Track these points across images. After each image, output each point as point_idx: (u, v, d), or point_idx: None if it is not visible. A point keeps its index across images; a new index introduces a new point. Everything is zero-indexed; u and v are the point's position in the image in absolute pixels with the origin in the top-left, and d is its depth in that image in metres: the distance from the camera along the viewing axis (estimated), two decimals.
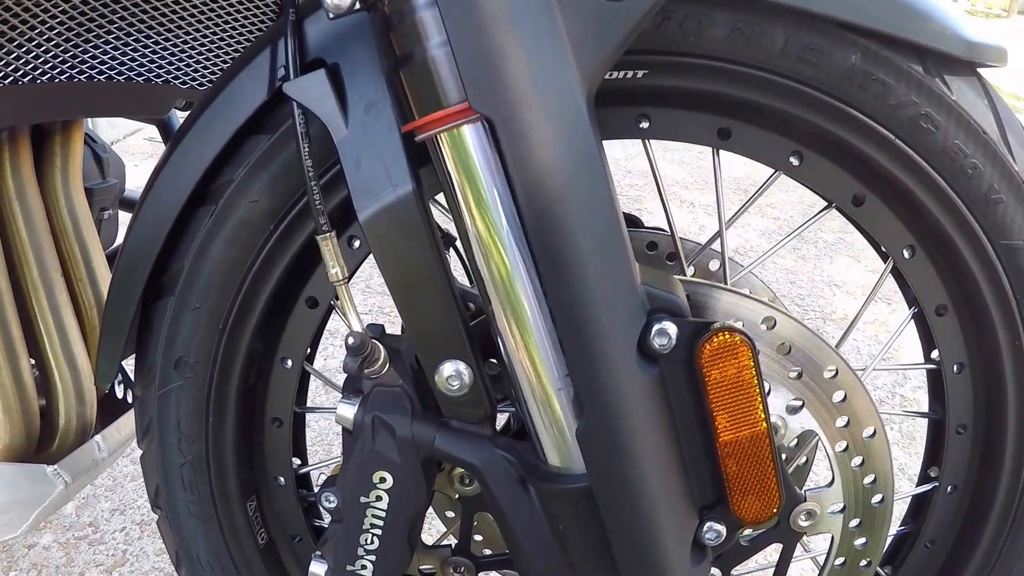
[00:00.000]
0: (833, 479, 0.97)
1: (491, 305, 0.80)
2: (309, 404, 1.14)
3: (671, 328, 0.80)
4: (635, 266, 0.79)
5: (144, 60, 1.15)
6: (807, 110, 0.90)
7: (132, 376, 1.07)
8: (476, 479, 0.89)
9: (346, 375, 0.90)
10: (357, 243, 0.97)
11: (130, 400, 1.32)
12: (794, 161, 0.95)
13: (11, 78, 1.01)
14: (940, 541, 1.08)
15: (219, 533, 1.06)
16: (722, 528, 0.89)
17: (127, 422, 1.26)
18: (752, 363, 0.82)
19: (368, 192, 0.82)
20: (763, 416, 0.84)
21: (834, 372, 0.93)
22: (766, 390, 0.85)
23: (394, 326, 0.94)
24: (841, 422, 0.95)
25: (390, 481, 0.88)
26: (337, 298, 1.01)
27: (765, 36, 0.86)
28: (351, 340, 0.83)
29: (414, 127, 0.77)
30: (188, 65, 1.19)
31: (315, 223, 0.85)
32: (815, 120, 0.91)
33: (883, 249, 1.00)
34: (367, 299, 2.66)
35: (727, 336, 0.81)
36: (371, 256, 1.00)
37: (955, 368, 1.02)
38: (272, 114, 0.90)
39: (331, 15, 0.76)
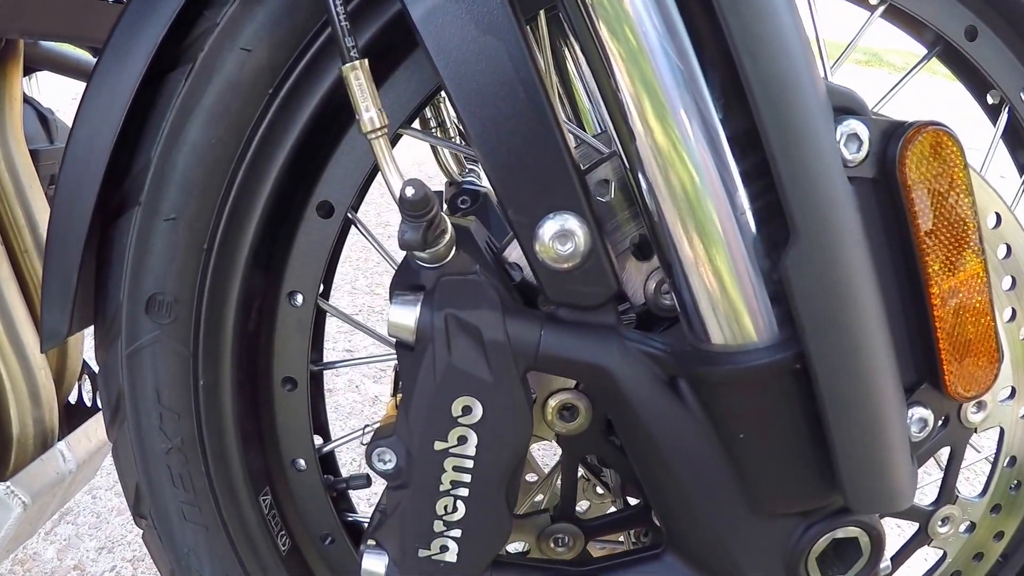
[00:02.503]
0: (1001, 355, 0.61)
1: (629, 120, 0.41)
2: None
3: (861, 129, 0.44)
4: None
5: None
6: None
7: (96, 369, 0.62)
8: (601, 392, 0.48)
9: (397, 270, 0.48)
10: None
11: (99, 404, 0.84)
12: None
13: None
14: None
15: (227, 542, 0.60)
16: (929, 415, 0.51)
17: (98, 426, 0.79)
18: (965, 170, 0.46)
19: None
20: (980, 241, 0.47)
21: (996, 220, 0.58)
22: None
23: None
24: (1007, 283, 0.60)
25: (479, 411, 0.46)
26: (355, 208, 0.60)
27: None
28: (408, 191, 0.42)
29: None
30: None
31: (340, 49, 0.45)
32: None
33: (990, 101, 0.67)
34: (354, 299, 2.13)
35: (933, 134, 0.45)
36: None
37: None
38: None
39: None
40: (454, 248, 0.46)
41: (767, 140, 0.38)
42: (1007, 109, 0.65)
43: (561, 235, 0.44)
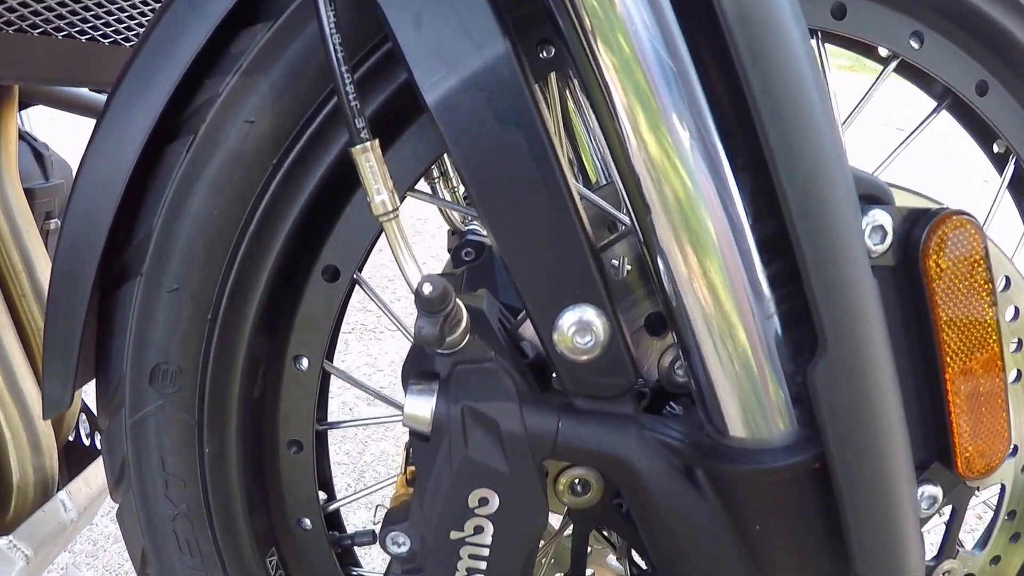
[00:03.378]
0: (1012, 437, 0.60)
1: (650, 206, 0.39)
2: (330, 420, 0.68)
3: (885, 219, 0.42)
4: None
5: (88, 14, 0.69)
6: None
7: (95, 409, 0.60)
8: (618, 479, 0.47)
9: (410, 352, 0.46)
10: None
11: (98, 444, 0.81)
12: (914, 44, 0.59)
13: None
14: None
15: None
16: (938, 492, 0.50)
17: (98, 471, 0.76)
18: (985, 257, 0.45)
19: (437, 62, 0.40)
20: (998, 328, 0.46)
21: (1005, 283, 0.57)
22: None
23: (381, 341, 0.48)
24: (1013, 345, 0.59)
25: (495, 502, 0.44)
26: (361, 268, 0.58)
27: None
28: (426, 289, 0.40)
29: None
30: (141, 25, 0.74)
31: (349, 129, 0.43)
32: None
33: (998, 150, 0.65)
34: (346, 317, 2.06)
35: (957, 223, 0.44)
36: None
37: None
38: None
39: None
40: (469, 333, 0.44)
41: (799, 249, 0.36)
42: (1014, 160, 0.64)
43: (580, 328, 0.42)
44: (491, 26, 0.40)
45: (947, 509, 0.61)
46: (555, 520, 0.77)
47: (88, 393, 0.70)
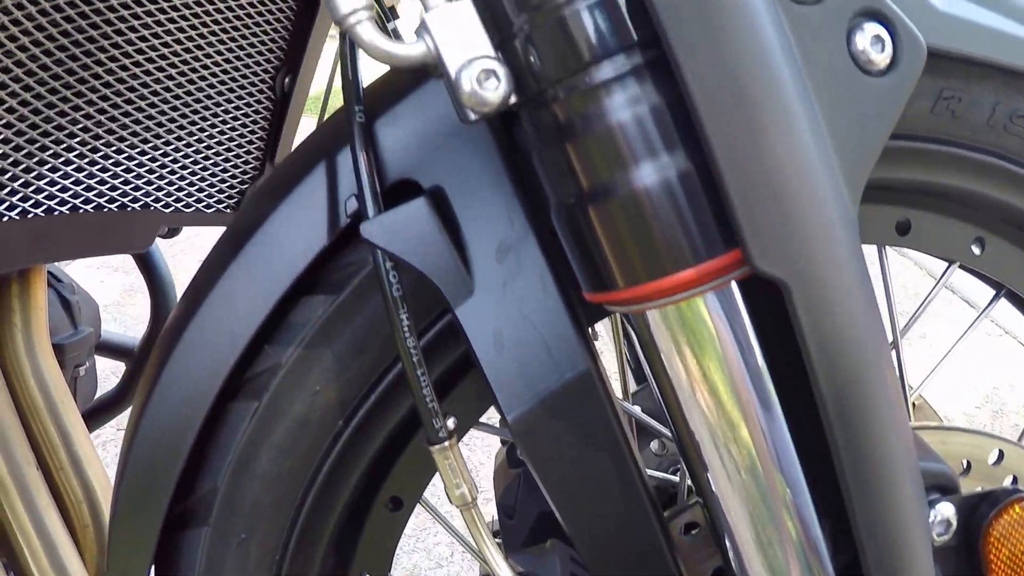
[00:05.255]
0: None
1: (740, 545, 0.41)
2: None
3: (950, 512, 0.44)
4: None
5: (117, 182, 0.68)
6: (1005, 190, 0.56)
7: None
8: None
9: None
10: (451, 421, 0.55)
11: None
12: (975, 250, 0.60)
13: None
14: None
15: None
16: None
17: None
18: None
19: (519, 386, 0.41)
20: None
21: None
22: None
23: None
24: None
25: None
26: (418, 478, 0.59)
27: (973, 106, 0.52)
28: None
29: (615, 299, 0.37)
30: (171, 184, 0.73)
31: (427, 429, 0.44)
32: (1010, 201, 0.57)
33: None
34: None
35: (1019, 509, 0.46)
36: None
37: None
38: (333, 263, 0.48)
39: (472, 115, 0.35)
40: None
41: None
42: None
43: None
44: (574, 345, 0.41)
45: None
46: None
47: None
